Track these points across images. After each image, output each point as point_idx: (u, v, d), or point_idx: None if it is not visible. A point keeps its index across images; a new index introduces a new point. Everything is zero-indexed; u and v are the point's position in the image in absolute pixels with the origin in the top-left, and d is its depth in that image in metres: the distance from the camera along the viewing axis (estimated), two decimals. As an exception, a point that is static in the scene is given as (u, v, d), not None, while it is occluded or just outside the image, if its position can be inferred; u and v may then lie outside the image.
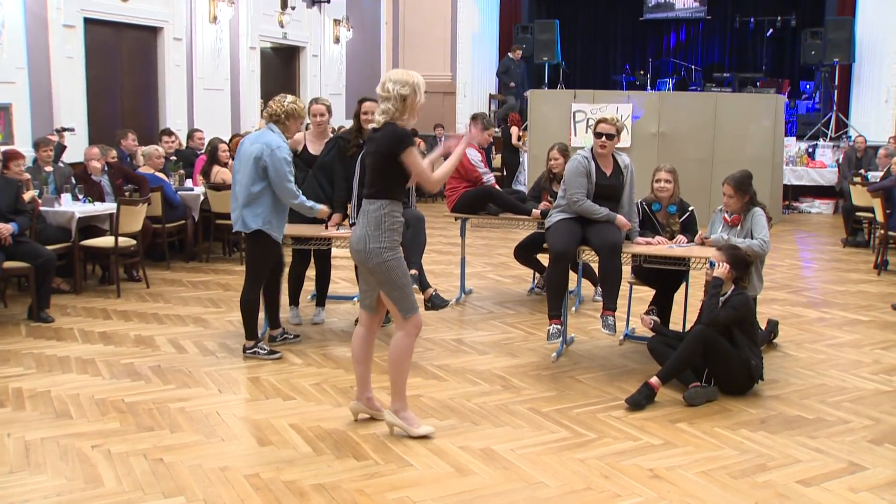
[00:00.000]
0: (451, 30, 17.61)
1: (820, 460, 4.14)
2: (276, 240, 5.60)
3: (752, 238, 5.48)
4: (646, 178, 6.04)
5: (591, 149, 5.75)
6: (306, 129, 6.50)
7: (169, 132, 10.39)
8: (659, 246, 5.69)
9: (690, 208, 6.03)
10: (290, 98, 5.66)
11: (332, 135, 6.72)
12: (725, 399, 4.94)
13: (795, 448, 4.28)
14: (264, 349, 5.71)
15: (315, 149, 6.53)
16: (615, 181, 5.71)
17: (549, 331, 5.55)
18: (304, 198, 5.68)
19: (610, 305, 5.59)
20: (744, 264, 5.20)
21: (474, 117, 7.69)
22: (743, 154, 11.74)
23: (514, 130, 14.63)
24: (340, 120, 14.39)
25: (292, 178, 5.53)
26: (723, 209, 5.86)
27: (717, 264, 5.13)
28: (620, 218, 5.65)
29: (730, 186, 5.66)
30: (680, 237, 5.81)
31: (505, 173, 14.59)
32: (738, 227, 5.69)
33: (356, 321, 4.79)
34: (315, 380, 5.25)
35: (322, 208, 5.84)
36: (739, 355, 4.96)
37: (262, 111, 13.39)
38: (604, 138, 5.65)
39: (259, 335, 5.82)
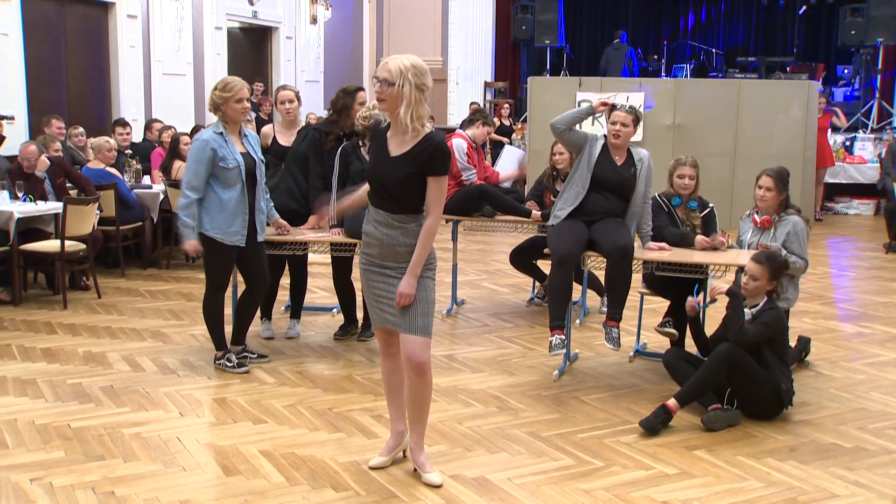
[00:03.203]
0: (442, 9, 17.68)
1: (861, 495, 4.13)
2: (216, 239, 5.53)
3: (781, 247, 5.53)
4: (660, 171, 6.05)
5: (605, 137, 5.79)
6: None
7: (123, 122, 10.39)
8: (674, 251, 5.71)
9: (710, 205, 6.08)
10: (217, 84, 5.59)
11: (304, 123, 6.75)
12: (749, 423, 4.96)
13: (831, 481, 4.27)
14: (231, 361, 5.77)
15: (286, 140, 6.55)
16: (626, 174, 5.70)
17: (551, 342, 5.52)
18: (188, 213, 5.42)
19: (615, 315, 5.60)
20: (780, 273, 5.22)
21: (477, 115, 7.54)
22: (770, 149, 11.81)
23: (494, 121, 14.98)
24: (318, 110, 14.40)
25: (196, 180, 5.40)
26: (751, 212, 5.89)
27: (747, 277, 5.09)
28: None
29: (769, 178, 5.68)
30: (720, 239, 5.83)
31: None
32: (770, 232, 5.71)
33: None
34: (289, 401, 5.25)
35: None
36: (769, 377, 4.96)
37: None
38: (619, 126, 5.65)
39: (227, 346, 5.88)
